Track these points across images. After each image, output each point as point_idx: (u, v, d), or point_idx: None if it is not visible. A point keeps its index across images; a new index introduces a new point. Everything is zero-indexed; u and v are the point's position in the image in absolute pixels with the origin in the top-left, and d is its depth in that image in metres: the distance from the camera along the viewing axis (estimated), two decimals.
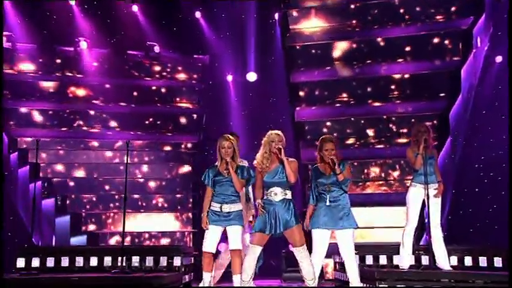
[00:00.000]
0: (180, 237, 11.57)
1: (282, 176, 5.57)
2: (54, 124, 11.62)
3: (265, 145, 5.66)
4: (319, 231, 5.75)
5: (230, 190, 5.78)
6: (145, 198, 11.65)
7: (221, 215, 5.73)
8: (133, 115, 11.93)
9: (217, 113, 11.78)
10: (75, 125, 11.73)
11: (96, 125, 11.81)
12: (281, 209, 5.54)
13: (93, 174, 11.70)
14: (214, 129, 11.55)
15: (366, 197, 10.71)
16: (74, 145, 11.73)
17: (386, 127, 11.06)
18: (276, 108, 11.53)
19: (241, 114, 11.80)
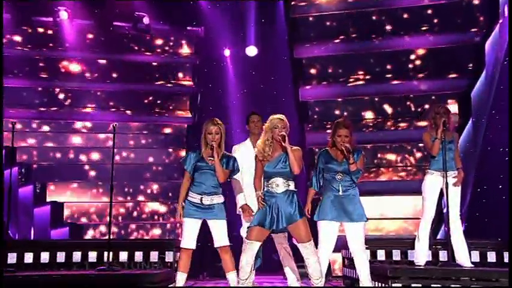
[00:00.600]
0: (171, 229, 11.61)
1: (285, 166, 5.55)
2: (40, 103, 11.61)
3: (266, 131, 5.63)
4: (327, 224, 5.76)
5: (212, 180, 5.77)
6: (136, 185, 11.69)
7: (201, 208, 5.73)
8: (118, 93, 11.90)
9: (214, 92, 11.75)
10: (58, 105, 11.72)
11: (78, 104, 11.79)
12: (284, 201, 5.52)
13: (80, 158, 11.70)
14: (210, 110, 11.54)
15: (379, 185, 10.72)
16: (61, 127, 11.74)
17: (403, 107, 11.01)
18: (278, 86, 11.48)
19: (240, 93, 11.76)
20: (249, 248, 5.54)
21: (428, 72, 11.01)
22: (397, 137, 10.93)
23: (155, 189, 11.86)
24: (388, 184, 10.76)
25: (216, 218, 5.74)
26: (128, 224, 11.58)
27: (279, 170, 5.56)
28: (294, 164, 5.50)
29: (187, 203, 5.77)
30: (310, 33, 11.54)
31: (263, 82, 11.63)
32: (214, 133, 5.79)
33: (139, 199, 11.77)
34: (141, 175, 11.87)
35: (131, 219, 11.69)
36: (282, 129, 5.56)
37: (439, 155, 6.42)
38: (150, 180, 11.86)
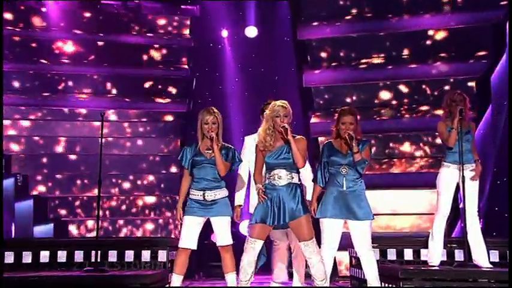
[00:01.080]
0: (164, 225, 11.63)
1: (288, 156, 5.54)
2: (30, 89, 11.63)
3: (267, 120, 5.62)
4: (330, 221, 5.76)
5: (212, 174, 5.77)
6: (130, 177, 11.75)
7: (204, 204, 5.74)
8: (103, 78, 11.86)
9: (210, 77, 11.72)
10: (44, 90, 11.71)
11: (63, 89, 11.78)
12: (286, 195, 5.51)
13: (69, 149, 11.75)
14: (206, 95, 11.52)
15: (391, 178, 10.69)
16: (48, 115, 11.78)
17: (420, 93, 10.96)
18: (280, 70, 11.45)
19: (238, 77, 11.73)
20: (251, 247, 5.55)
21: (447, 55, 10.94)
22: (412, 126, 10.88)
23: (149, 181, 11.85)
24: (400, 177, 10.72)
25: (220, 215, 5.74)
26: (117, 219, 11.58)
27: (281, 161, 5.56)
28: (299, 158, 5.50)
29: (189, 201, 5.78)
30: (316, 11, 11.44)
31: (264, 66, 11.60)
32: (210, 123, 5.77)
33: (132, 191, 11.76)
34: (134, 166, 11.85)
35: (121, 214, 11.70)
36: (284, 118, 5.55)
37: (455, 147, 6.41)
38: (145, 172, 11.85)
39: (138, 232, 11.67)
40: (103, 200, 11.33)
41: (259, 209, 5.56)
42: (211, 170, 5.77)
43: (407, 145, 10.98)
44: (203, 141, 5.82)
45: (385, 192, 10.45)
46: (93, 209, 11.18)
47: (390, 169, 10.87)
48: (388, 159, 10.95)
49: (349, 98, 11.23)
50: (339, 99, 11.21)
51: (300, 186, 5.60)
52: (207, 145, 5.78)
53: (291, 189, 5.53)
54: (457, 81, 10.66)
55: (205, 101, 11.14)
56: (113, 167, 11.66)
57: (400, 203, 10.55)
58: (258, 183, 5.63)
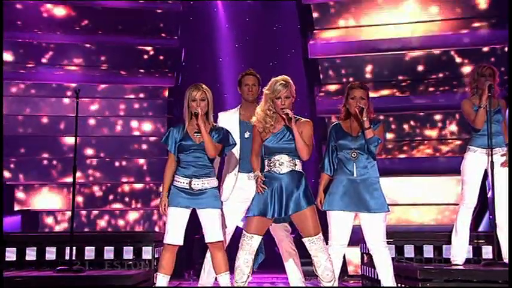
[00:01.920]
0: (146, 217, 11.64)
1: (291, 140, 5.54)
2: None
3: (267, 100, 5.61)
4: (339, 214, 5.78)
5: (202, 160, 5.78)
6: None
7: (190, 194, 5.74)
8: (79, 49, 11.81)
9: (201, 46, 11.69)
10: None
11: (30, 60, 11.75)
12: (289, 184, 5.52)
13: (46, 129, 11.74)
14: (197, 68, 11.50)
15: (410, 163, 10.68)
16: None
17: (445, 65, 10.91)
18: (282, 38, 11.41)
19: (234, 46, 11.71)
20: (248, 243, 5.57)
21: (470, 22, 10.87)
22: (437, 103, 10.83)
23: (130, 166, 11.85)
24: (421, 162, 10.69)
25: (209, 207, 5.75)
26: (94, 210, 11.58)
27: (283, 145, 5.57)
28: (303, 147, 5.50)
29: (173, 189, 5.79)
30: None
31: (263, 33, 11.55)
32: (198, 99, 5.78)
33: (110, 178, 11.77)
34: (112, 148, 11.84)
35: (99, 203, 11.70)
36: (285, 100, 5.55)
37: (483, 128, 6.40)
38: (125, 155, 11.84)
39: (120, 225, 11.68)
40: (79, 188, 11.32)
41: (258, 200, 5.56)
42: (201, 155, 5.77)
43: (430, 125, 10.94)
44: (191, 123, 5.82)
45: (402, 179, 10.44)
46: (68, 198, 11.18)
47: (409, 153, 10.85)
48: (408, 142, 10.92)
49: (363, 71, 11.17)
50: (351, 72, 11.16)
51: (304, 175, 5.60)
52: (196, 127, 5.77)
53: (293, 177, 5.54)
54: (478, 56, 10.55)
55: (195, 76, 11.10)
56: (91, 149, 11.62)
57: (420, 192, 10.54)
58: (255, 170, 5.64)
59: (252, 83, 6.36)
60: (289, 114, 5.49)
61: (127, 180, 11.82)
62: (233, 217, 6.26)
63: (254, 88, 6.33)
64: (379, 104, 10.31)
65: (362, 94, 5.81)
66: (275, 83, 5.60)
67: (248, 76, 6.41)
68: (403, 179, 10.45)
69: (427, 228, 10.03)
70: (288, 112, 5.50)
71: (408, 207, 10.53)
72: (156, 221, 11.66)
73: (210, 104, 5.83)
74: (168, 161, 5.89)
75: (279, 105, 5.54)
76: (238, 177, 6.26)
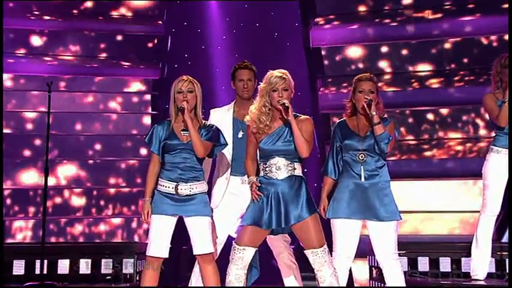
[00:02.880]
0: (125, 225, 11.61)
1: (289, 141, 5.55)
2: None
3: (262, 94, 5.60)
4: (344, 223, 5.78)
5: (190, 161, 5.77)
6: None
7: (176, 200, 5.73)
8: (55, 35, 11.77)
9: (190, 33, 11.65)
10: None
11: None
12: (287, 191, 5.53)
13: None
14: (185, 58, 11.48)
15: (424, 165, 10.71)
16: None
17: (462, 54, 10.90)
18: (281, 25, 11.38)
19: (227, 34, 11.68)
20: (239, 256, 5.57)
21: None
22: (455, 97, 10.82)
23: (108, 167, 11.84)
24: (437, 163, 10.72)
25: (197, 215, 5.74)
26: (67, 218, 11.54)
27: (280, 147, 5.58)
28: (302, 142, 5.50)
29: (156, 194, 5.79)
30: None
31: (260, 19, 11.52)
32: (185, 91, 5.77)
33: (85, 181, 11.75)
34: (89, 149, 11.85)
35: (72, 210, 11.68)
36: (283, 92, 5.55)
37: (507, 126, 6.39)
38: (103, 156, 11.85)
39: (95, 234, 11.65)
40: (50, 193, 11.30)
41: (252, 209, 5.57)
42: (188, 156, 5.76)
43: (447, 123, 10.93)
44: (177, 120, 5.80)
45: (415, 183, 10.44)
46: (37, 204, 11.17)
47: (424, 153, 10.85)
48: (422, 141, 10.90)
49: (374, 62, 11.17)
50: (360, 63, 11.14)
51: (305, 179, 5.60)
52: (183, 125, 5.75)
53: (292, 183, 5.55)
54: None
55: (183, 66, 11.10)
56: (62, 150, 11.59)
57: (436, 197, 10.55)
58: (250, 175, 5.65)
59: (247, 78, 6.30)
60: (285, 104, 5.47)
61: (102, 183, 11.78)
62: (225, 226, 6.23)
63: (249, 83, 6.28)
64: (394, 99, 10.33)
65: (371, 87, 5.81)
66: (271, 75, 5.60)
67: (243, 70, 6.34)
68: (416, 183, 10.44)
69: (444, 238, 10.07)
70: (285, 101, 5.48)
71: (423, 214, 10.56)
72: (136, 229, 11.64)
73: (199, 98, 5.81)
74: (151, 162, 5.86)
75: (276, 98, 5.53)
76: (230, 181, 6.23)
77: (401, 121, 10.69)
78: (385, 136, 5.71)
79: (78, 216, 11.68)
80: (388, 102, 10.06)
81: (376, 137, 5.71)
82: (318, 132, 10.08)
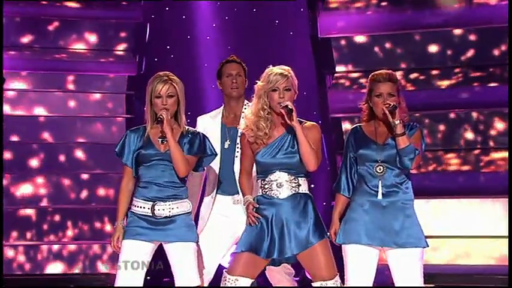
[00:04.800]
0: (87, 249, 11.61)
1: (293, 152, 5.60)
2: None
3: (260, 95, 5.64)
4: (358, 250, 5.81)
5: (169, 176, 5.81)
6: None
7: (153, 223, 5.78)
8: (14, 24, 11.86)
9: (173, 22, 11.67)
10: None
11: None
12: (291, 212, 5.58)
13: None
14: (167, 50, 11.49)
15: (451, 179, 10.70)
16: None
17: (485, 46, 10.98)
18: (282, 11, 11.42)
19: (217, 22, 11.70)
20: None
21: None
22: (484, 99, 10.87)
23: (73, 183, 11.85)
24: (468, 177, 10.72)
25: (179, 240, 5.79)
26: (30, 244, 11.59)
27: (281, 160, 5.62)
28: (309, 154, 5.54)
29: (130, 216, 5.84)
30: None
31: (257, 3, 11.53)
32: (164, 96, 5.81)
33: (42, 200, 11.77)
34: (50, 160, 11.85)
35: (25, 234, 11.71)
36: (284, 93, 5.59)
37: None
38: (66, 169, 11.85)
39: (55, 264, 11.66)
40: None
41: (249, 233, 5.62)
42: (167, 170, 5.81)
43: (478, 129, 10.96)
44: (154, 125, 5.86)
45: (443, 202, 10.46)
46: None
47: (450, 167, 10.87)
48: (447, 151, 10.94)
49: (393, 56, 11.20)
50: (375, 57, 11.20)
51: (312, 198, 5.66)
52: (162, 131, 5.81)
53: (297, 202, 5.61)
54: None
55: (164, 60, 11.12)
56: (14, 160, 11.66)
57: (470, 219, 10.55)
58: (245, 194, 5.70)
59: (236, 72, 6.42)
60: (288, 106, 5.51)
61: (60, 202, 11.83)
62: (213, 254, 6.31)
63: (239, 79, 6.40)
64: (416, 101, 10.35)
65: (391, 89, 5.83)
66: (271, 72, 5.65)
67: (230, 64, 6.48)
68: (441, 202, 10.47)
69: (479, 268, 10.03)
70: (288, 104, 5.53)
71: (453, 240, 10.55)
72: (101, 255, 11.60)
73: (181, 101, 5.87)
74: (123, 177, 5.95)
75: (276, 100, 5.58)
76: (219, 200, 6.30)
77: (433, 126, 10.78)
78: (409, 150, 5.71)
79: (34, 243, 11.69)
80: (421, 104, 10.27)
81: (399, 151, 5.72)
82: (327, 141, 10.13)
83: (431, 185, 10.50)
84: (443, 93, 10.99)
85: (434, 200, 10.46)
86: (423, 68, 11.13)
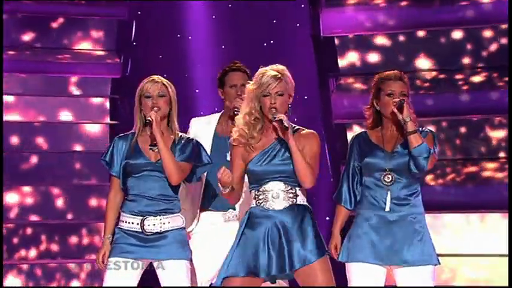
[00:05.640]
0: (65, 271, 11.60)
1: (289, 158, 5.59)
2: None
3: (251, 98, 5.66)
4: (363, 268, 5.83)
5: (160, 188, 5.82)
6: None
7: (143, 240, 5.79)
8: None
9: (161, 17, 11.69)
10: None
11: None
12: (288, 226, 5.60)
13: None
14: (155, 50, 11.50)
15: (464, 193, 10.73)
16: None
17: None
18: (281, 6, 11.44)
19: (212, 17, 11.72)
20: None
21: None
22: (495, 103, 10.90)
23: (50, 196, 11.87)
24: (483, 190, 10.76)
25: (171, 258, 5.81)
26: None
27: (276, 168, 5.65)
28: (304, 170, 5.57)
29: (117, 232, 5.85)
30: None
31: None
32: (155, 95, 5.83)
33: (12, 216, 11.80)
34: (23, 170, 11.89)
35: None
36: (276, 98, 5.61)
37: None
38: (45, 180, 11.88)
39: None
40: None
41: (242, 252, 5.62)
42: (158, 181, 5.82)
43: (495, 136, 10.99)
44: (144, 132, 5.88)
45: (456, 217, 10.49)
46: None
47: (462, 177, 10.90)
48: (462, 161, 10.97)
49: (403, 56, 11.24)
50: (384, 58, 11.23)
51: (310, 209, 5.68)
52: (151, 138, 5.83)
53: (295, 214, 5.62)
54: None
55: (151, 61, 11.14)
56: None
57: (483, 236, 10.57)
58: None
59: (241, 83, 6.41)
60: (283, 121, 5.52)
61: (38, 217, 11.86)
62: (206, 273, 6.30)
63: (244, 90, 6.39)
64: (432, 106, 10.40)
65: (403, 88, 5.86)
66: (263, 74, 5.66)
67: (234, 73, 6.49)
68: (454, 216, 10.50)
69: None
70: (282, 118, 5.54)
71: (469, 258, 10.55)
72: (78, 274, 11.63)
73: (174, 103, 5.90)
74: (110, 190, 5.96)
75: (268, 106, 5.60)
76: (205, 217, 6.32)
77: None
78: (424, 149, 5.71)
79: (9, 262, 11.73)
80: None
81: (412, 151, 5.70)
82: (331, 150, 10.14)
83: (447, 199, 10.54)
84: (466, 96, 10.99)
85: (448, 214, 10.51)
86: (443, 70, 11.14)
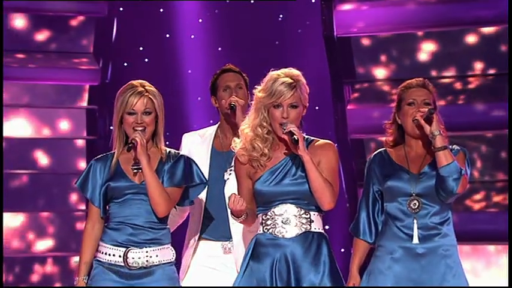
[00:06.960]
0: None
1: (302, 177, 5.61)
2: None
3: (259, 108, 5.66)
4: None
5: (146, 215, 5.81)
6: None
7: (126, 276, 5.79)
8: None
9: (147, 15, 11.74)
10: None
11: None
12: (300, 256, 5.61)
13: None
14: (140, 53, 11.56)
15: (488, 219, 10.78)
16: None
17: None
18: (289, 3, 11.49)
19: (206, 15, 11.78)
20: None
21: None
22: None
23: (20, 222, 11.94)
24: None
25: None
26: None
27: (288, 188, 5.66)
28: (323, 189, 5.56)
29: (96, 266, 5.83)
30: None
31: None
32: (140, 112, 5.81)
33: None
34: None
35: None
36: (289, 111, 5.60)
37: None
38: (16, 205, 11.93)
39: None
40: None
41: (246, 283, 5.63)
42: (144, 206, 5.81)
43: None
44: (125, 150, 5.85)
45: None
46: None
47: (489, 203, 10.96)
48: (489, 184, 11.03)
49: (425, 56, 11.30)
50: (408, 62, 11.27)
51: (326, 238, 5.67)
52: (135, 157, 5.80)
53: (309, 243, 5.63)
54: None
55: (136, 66, 11.18)
56: None
57: None
58: None
59: (235, 84, 6.44)
60: (295, 134, 5.50)
61: None
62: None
63: (240, 92, 6.41)
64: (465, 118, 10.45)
65: (426, 97, 5.88)
66: (275, 80, 5.63)
67: (226, 74, 6.49)
68: None
69: None
70: (294, 129, 5.52)
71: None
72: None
73: (161, 118, 5.88)
74: (88, 218, 5.94)
75: (279, 119, 5.58)
76: (202, 248, 6.31)
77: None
78: (454, 168, 5.70)
79: None
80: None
81: (440, 170, 5.70)
82: (346, 169, 10.19)
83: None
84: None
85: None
86: (476, 75, 11.20)
